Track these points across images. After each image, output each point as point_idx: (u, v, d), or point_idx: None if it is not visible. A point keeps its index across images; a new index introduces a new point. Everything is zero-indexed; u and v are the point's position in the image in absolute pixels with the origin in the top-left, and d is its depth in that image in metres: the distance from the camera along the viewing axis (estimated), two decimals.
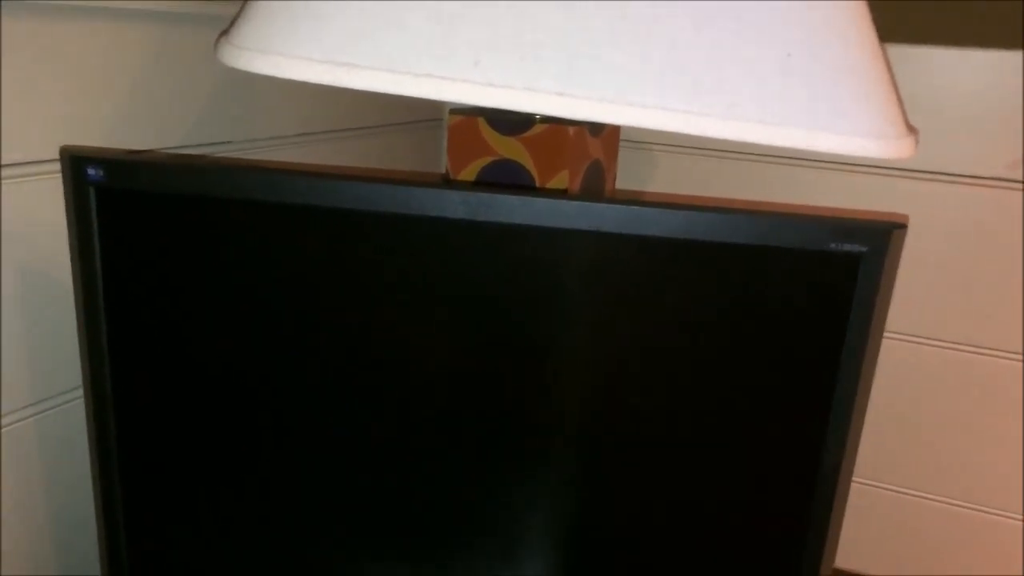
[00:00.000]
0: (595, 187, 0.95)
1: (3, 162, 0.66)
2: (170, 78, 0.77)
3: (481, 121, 0.89)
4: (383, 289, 0.61)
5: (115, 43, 0.71)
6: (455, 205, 0.58)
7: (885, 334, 1.00)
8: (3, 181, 0.66)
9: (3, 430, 0.73)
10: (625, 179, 1.09)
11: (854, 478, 0.98)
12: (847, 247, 0.55)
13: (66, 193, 0.61)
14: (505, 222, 0.58)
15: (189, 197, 0.60)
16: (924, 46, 0.90)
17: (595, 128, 0.92)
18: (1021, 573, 0.99)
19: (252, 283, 0.62)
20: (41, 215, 0.70)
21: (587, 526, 0.65)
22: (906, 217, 0.93)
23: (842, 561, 1.03)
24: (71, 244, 0.63)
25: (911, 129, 0.62)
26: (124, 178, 0.60)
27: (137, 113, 0.75)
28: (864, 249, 0.55)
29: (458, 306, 0.61)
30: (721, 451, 0.62)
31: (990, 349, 0.94)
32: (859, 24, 0.58)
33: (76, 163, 0.60)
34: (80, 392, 0.76)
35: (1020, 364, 0.92)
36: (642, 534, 0.65)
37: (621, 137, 1.07)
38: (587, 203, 0.57)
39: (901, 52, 0.90)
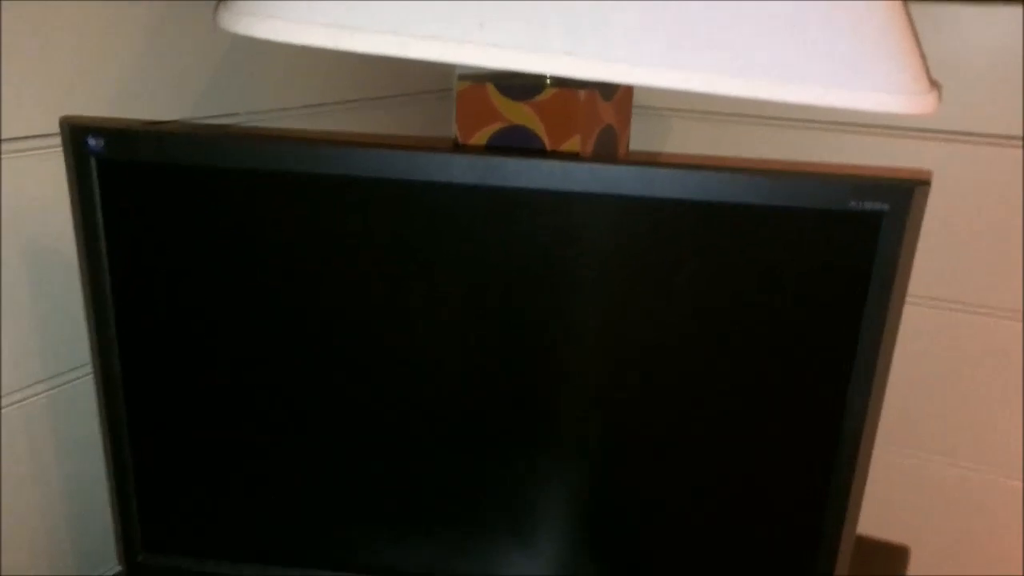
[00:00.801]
0: (607, 153, 0.94)
1: (8, 136, 0.65)
2: (174, 49, 0.76)
3: (490, 87, 0.88)
4: (391, 257, 0.60)
5: (118, 14, 0.70)
6: (462, 170, 0.56)
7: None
8: (9, 156, 0.65)
9: (16, 406, 0.73)
10: (638, 145, 1.07)
11: None
12: (868, 205, 0.53)
13: (67, 164, 0.60)
14: (514, 186, 0.56)
15: (192, 167, 0.59)
16: (947, 2, 0.87)
17: (607, 92, 0.90)
18: (1022, 535, 0.98)
19: (257, 253, 0.61)
20: (48, 189, 0.69)
21: (606, 494, 0.64)
22: (929, 173, 0.91)
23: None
24: (74, 216, 0.62)
25: (933, 84, 0.60)
26: (126, 149, 0.59)
27: (141, 85, 0.74)
28: (886, 207, 0.53)
29: (468, 273, 0.59)
30: (741, 417, 0.60)
31: (1011, 311, 0.92)
32: None
33: (76, 133, 0.59)
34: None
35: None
36: (661, 501, 0.64)
37: (634, 102, 1.05)
38: (598, 165, 0.56)
39: (923, 8, 0.88)
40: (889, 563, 0.91)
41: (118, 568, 0.80)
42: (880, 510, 1.00)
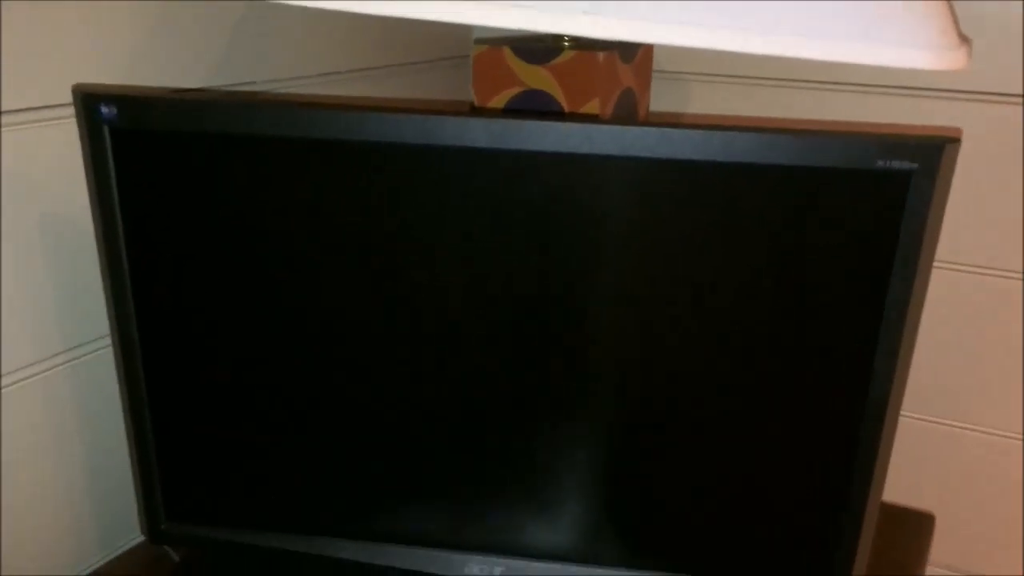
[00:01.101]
0: (627, 116, 0.92)
1: (22, 107, 0.64)
2: (187, 17, 0.75)
3: (507, 51, 0.86)
4: (407, 223, 0.59)
5: None
6: (479, 133, 0.55)
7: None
8: (24, 127, 0.65)
9: (37, 378, 0.73)
10: (658, 109, 1.05)
11: None
12: (896, 164, 0.52)
13: (80, 134, 0.60)
14: (531, 150, 0.55)
15: (207, 134, 0.58)
16: None
17: (626, 54, 0.89)
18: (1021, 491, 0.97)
19: (274, 219, 0.60)
20: (62, 160, 0.68)
21: (628, 458, 0.64)
22: (959, 131, 0.89)
23: None
24: (88, 186, 0.62)
25: (963, 39, 0.58)
26: (139, 117, 0.58)
27: (154, 54, 0.73)
28: (914, 166, 0.52)
29: (486, 238, 0.58)
30: (766, 382, 0.59)
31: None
32: None
33: (88, 102, 0.58)
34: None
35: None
36: (682, 469, 0.63)
37: (653, 67, 1.03)
38: (618, 127, 0.54)
39: None
40: (915, 530, 0.90)
41: (141, 538, 0.81)
42: (904, 477, 0.99)
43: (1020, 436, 0.92)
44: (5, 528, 0.74)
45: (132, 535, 0.84)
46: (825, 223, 0.54)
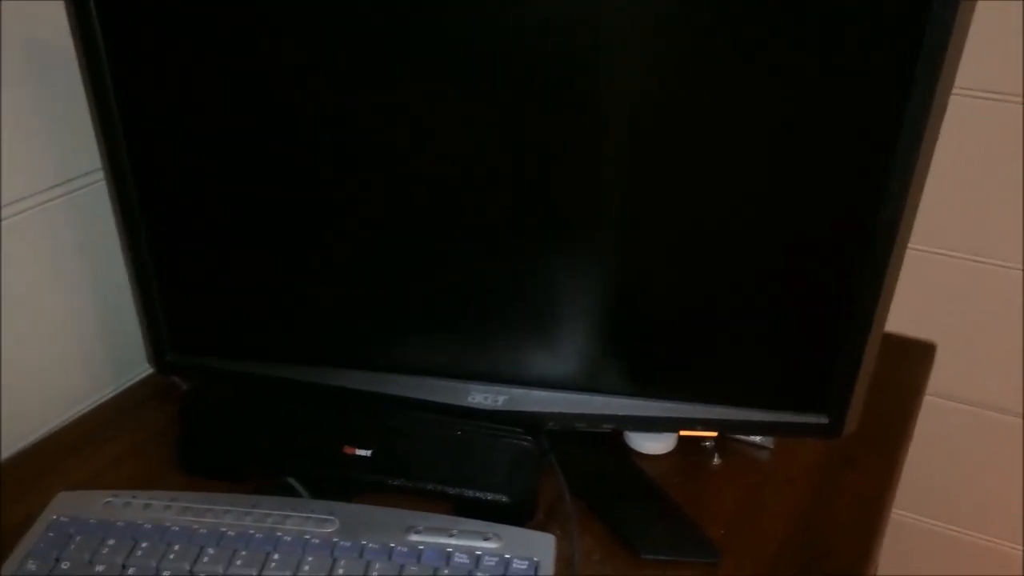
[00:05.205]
0: None
1: None
2: None
3: None
4: (401, 29, 0.56)
5: None
6: None
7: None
8: None
9: (32, 211, 0.72)
10: None
11: None
12: None
13: None
14: None
15: None
16: None
17: None
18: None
19: (261, 27, 0.57)
20: None
21: (628, 284, 0.63)
22: None
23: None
24: (68, 14, 0.59)
25: None
26: None
27: None
28: None
29: (487, 43, 0.55)
30: (773, 198, 0.57)
31: None
32: None
33: None
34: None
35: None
36: (685, 293, 0.63)
37: None
38: None
39: None
40: (916, 358, 0.91)
41: (152, 371, 0.82)
42: (907, 308, 0.98)
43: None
44: (16, 359, 0.75)
45: (144, 368, 0.85)
46: (846, 19, 0.51)
